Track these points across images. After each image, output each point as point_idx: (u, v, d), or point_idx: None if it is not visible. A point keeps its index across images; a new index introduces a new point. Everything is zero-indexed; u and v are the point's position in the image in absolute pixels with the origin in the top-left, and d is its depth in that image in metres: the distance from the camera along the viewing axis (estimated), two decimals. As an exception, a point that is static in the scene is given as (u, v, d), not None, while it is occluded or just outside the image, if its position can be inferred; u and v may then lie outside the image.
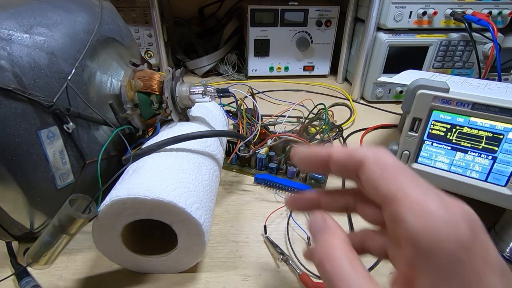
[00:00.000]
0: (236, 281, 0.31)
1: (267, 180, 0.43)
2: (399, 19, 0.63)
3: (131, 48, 0.40)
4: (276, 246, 0.34)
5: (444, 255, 0.12)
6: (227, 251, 0.34)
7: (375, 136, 0.58)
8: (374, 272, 0.32)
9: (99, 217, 0.26)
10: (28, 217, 0.29)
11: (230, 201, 0.41)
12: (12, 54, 0.25)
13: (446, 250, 0.12)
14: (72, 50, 0.30)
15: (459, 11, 0.61)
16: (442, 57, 0.66)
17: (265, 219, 0.37)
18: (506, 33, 0.64)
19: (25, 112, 0.26)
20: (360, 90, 0.72)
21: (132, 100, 0.35)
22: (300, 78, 0.83)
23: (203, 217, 0.28)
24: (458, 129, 0.34)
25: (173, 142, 0.32)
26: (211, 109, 0.43)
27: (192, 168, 0.31)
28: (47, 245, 0.25)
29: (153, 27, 0.73)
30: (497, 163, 0.33)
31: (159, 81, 0.36)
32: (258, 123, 0.43)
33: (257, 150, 0.45)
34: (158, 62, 0.78)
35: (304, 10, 0.74)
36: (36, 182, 0.27)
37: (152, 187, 0.26)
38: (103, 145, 0.32)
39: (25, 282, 0.29)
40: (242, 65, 0.85)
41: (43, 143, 0.27)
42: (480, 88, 0.39)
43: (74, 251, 0.34)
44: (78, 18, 0.32)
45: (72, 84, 0.29)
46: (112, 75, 0.35)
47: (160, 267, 0.31)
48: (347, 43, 0.77)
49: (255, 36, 0.77)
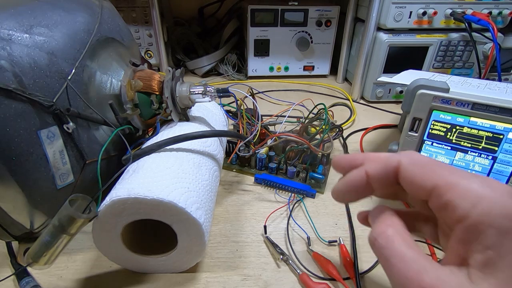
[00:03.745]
0: (236, 281, 0.31)
1: (267, 180, 0.43)
2: (399, 19, 0.63)
3: (131, 48, 0.40)
4: (276, 246, 0.34)
5: (494, 228, 0.13)
6: (227, 251, 0.34)
7: (375, 136, 0.58)
8: (375, 271, 0.32)
9: (99, 217, 0.26)
10: (28, 217, 0.29)
11: (230, 201, 0.41)
12: (12, 54, 0.25)
13: (496, 222, 0.13)
14: (72, 50, 0.30)
15: (459, 11, 0.61)
16: (442, 57, 0.66)
17: (265, 219, 0.37)
18: (506, 33, 0.64)
19: (25, 112, 0.25)
20: (360, 90, 0.72)
21: (132, 100, 0.35)
22: (300, 78, 0.83)
23: (203, 217, 0.28)
24: (458, 129, 0.34)
25: (173, 142, 0.32)
26: (211, 109, 0.43)
27: (192, 168, 0.31)
28: (47, 245, 0.25)
29: (153, 27, 0.73)
30: (497, 163, 0.33)
31: (159, 81, 0.36)
32: (258, 123, 0.43)
33: (257, 150, 0.45)
34: (158, 62, 0.78)
35: (304, 10, 0.74)
36: (36, 182, 0.27)
37: (152, 187, 0.26)
38: (103, 145, 0.32)
39: (25, 282, 0.29)
40: (242, 65, 0.85)
41: (43, 143, 0.27)
42: (480, 88, 0.39)
43: (74, 251, 0.34)
44: (78, 18, 0.32)
45: (72, 84, 0.29)
46: (112, 75, 0.35)
47: (160, 267, 0.31)
48: (347, 43, 0.77)
49: (255, 36, 0.77)
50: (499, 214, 0.14)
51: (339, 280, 0.30)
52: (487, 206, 0.14)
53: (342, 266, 0.32)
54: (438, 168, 0.16)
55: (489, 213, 0.14)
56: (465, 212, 0.14)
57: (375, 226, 0.18)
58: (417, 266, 0.15)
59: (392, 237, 0.16)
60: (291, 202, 0.40)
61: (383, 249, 0.16)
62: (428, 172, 0.16)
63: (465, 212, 0.14)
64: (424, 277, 0.14)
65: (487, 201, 0.14)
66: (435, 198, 0.16)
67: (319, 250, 0.34)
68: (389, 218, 0.18)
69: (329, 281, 0.30)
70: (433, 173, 0.16)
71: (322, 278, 0.31)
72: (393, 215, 0.18)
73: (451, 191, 0.15)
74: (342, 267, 0.32)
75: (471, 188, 0.15)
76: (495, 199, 0.14)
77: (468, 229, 0.14)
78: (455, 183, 0.15)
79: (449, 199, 0.15)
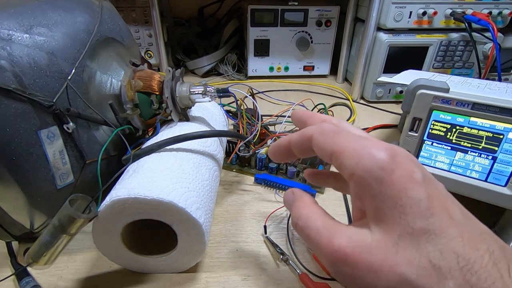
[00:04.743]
0: (236, 281, 0.31)
1: (267, 180, 0.43)
2: (399, 19, 0.63)
3: (131, 48, 0.40)
4: (276, 246, 0.34)
5: (371, 179, 0.16)
6: (227, 251, 0.34)
7: (375, 136, 0.57)
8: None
9: (99, 217, 0.26)
10: (28, 217, 0.29)
11: (230, 201, 0.41)
12: (12, 54, 0.25)
13: (371, 173, 0.16)
14: (72, 50, 0.30)
15: (459, 11, 0.61)
16: (442, 57, 0.66)
17: (265, 219, 0.37)
18: (506, 33, 0.64)
19: (25, 112, 0.25)
20: (360, 90, 0.72)
21: (132, 100, 0.35)
22: (300, 78, 0.83)
23: (203, 217, 0.28)
24: (458, 129, 0.34)
25: (173, 142, 0.32)
26: (211, 109, 0.43)
27: (192, 168, 0.31)
28: (47, 245, 0.25)
29: (153, 27, 0.73)
30: (497, 163, 0.33)
31: (159, 81, 0.36)
32: (258, 123, 0.43)
33: (257, 150, 0.45)
34: (158, 62, 0.78)
35: (304, 10, 0.74)
36: (36, 182, 0.27)
37: (152, 187, 0.26)
38: (103, 145, 0.32)
39: (25, 282, 0.29)
40: (242, 65, 0.85)
41: (43, 143, 0.27)
42: (480, 88, 0.39)
43: (74, 251, 0.34)
44: (78, 18, 0.32)
45: (72, 84, 0.29)
46: (112, 75, 0.35)
47: (160, 267, 0.31)
48: (347, 43, 0.77)
49: (255, 36, 0.77)
50: (375, 165, 0.16)
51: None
52: (366, 161, 0.16)
53: (342, 266, 0.32)
54: (336, 136, 0.18)
55: (368, 167, 0.16)
56: (352, 170, 0.17)
57: (293, 210, 0.20)
58: (328, 233, 0.17)
59: (307, 215, 0.19)
60: (291, 202, 0.40)
61: (304, 228, 0.18)
62: (329, 140, 0.18)
63: (352, 170, 0.17)
64: (334, 241, 0.16)
65: (366, 157, 0.16)
66: (334, 161, 0.18)
67: (319, 250, 0.34)
68: (301, 199, 0.21)
69: (329, 281, 0.30)
70: (332, 140, 0.18)
71: (322, 278, 0.31)
72: (304, 195, 0.21)
73: (342, 154, 0.17)
74: (342, 267, 0.32)
75: (356, 149, 0.17)
76: (372, 154, 0.16)
77: (356, 184, 0.17)
78: (345, 146, 0.17)
79: (341, 161, 0.17)
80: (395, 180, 0.15)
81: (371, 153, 0.16)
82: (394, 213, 0.15)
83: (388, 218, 0.15)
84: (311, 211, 0.19)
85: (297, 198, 0.21)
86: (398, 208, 0.15)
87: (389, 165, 0.16)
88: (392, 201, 0.15)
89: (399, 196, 0.15)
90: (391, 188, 0.15)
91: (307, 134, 0.20)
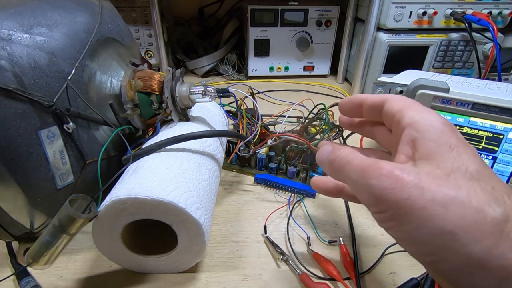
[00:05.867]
0: (236, 281, 0.31)
1: (267, 180, 0.43)
2: (399, 19, 0.63)
3: (131, 48, 0.40)
4: (276, 246, 0.34)
5: (435, 130, 0.19)
6: (227, 251, 0.34)
7: (375, 136, 0.58)
8: (375, 271, 0.32)
9: (99, 217, 0.26)
10: (28, 217, 0.29)
11: (230, 201, 0.41)
12: (12, 54, 0.25)
13: (437, 126, 0.19)
14: (72, 50, 0.30)
15: (459, 11, 0.61)
16: (442, 57, 0.66)
17: (265, 219, 0.37)
18: (506, 33, 0.64)
19: (25, 112, 0.25)
20: (360, 90, 0.72)
21: (132, 100, 0.35)
22: (300, 78, 0.83)
23: (203, 217, 0.28)
24: (458, 129, 0.34)
25: (173, 142, 0.32)
26: (211, 109, 0.43)
27: (192, 168, 0.31)
28: (47, 245, 0.25)
29: (153, 27, 0.73)
30: (497, 163, 0.33)
31: (159, 81, 0.36)
32: (258, 123, 0.43)
33: (257, 150, 0.45)
34: (158, 62, 0.78)
35: (304, 10, 0.74)
36: (36, 182, 0.27)
37: (152, 187, 0.26)
38: (103, 145, 0.32)
39: (25, 282, 0.29)
40: (242, 65, 0.85)
41: (43, 143, 0.27)
42: (480, 88, 0.39)
43: (74, 251, 0.34)
44: (78, 18, 0.32)
45: (72, 84, 0.29)
46: (112, 75, 0.35)
47: (160, 267, 0.31)
48: (347, 43, 0.77)
49: (255, 36, 0.77)
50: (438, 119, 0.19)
51: (339, 280, 0.30)
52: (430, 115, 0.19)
53: (342, 266, 0.32)
54: (407, 99, 0.21)
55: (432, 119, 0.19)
56: (415, 119, 0.19)
57: (332, 152, 0.22)
58: (373, 162, 0.18)
59: (347, 153, 0.21)
60: (291, 202, 0.40)
61: (347, 164, 0.20)
62: (402, 101, 0.21)
63: (414, 119, 0.19)
64: (382, 166, 0.18)
65: (430, 112, 0.20)
66: (397, 113, 0.21)
67: (319, 250, 0.34)
68: (339, 146, 0.22)
69: (329, 281, 0.30)
70: (404, 100, 0.21)
71: (322, 278, 0.31)
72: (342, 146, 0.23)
73: (410, 107, 0.20)
74: (342, 267, 0.32)
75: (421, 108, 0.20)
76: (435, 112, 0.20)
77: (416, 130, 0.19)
78: (414, 103, 0.21)
79: (404, 112, 0.20)
80: (454, 130, 0.19)
81: (434, 111, 0.20)
82: (452, 153, 0.17)
83: (443, 155, 0.17)
84: (351, 150, 0.21)
85: (335, 146, 0.22)
86: (454, 149, 0.18)
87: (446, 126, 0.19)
88: (448, 145, 0.18)
89: (457, 144, 0.18)
90: (450, 137, 0.18)
91: (383, 96, 0.23)
